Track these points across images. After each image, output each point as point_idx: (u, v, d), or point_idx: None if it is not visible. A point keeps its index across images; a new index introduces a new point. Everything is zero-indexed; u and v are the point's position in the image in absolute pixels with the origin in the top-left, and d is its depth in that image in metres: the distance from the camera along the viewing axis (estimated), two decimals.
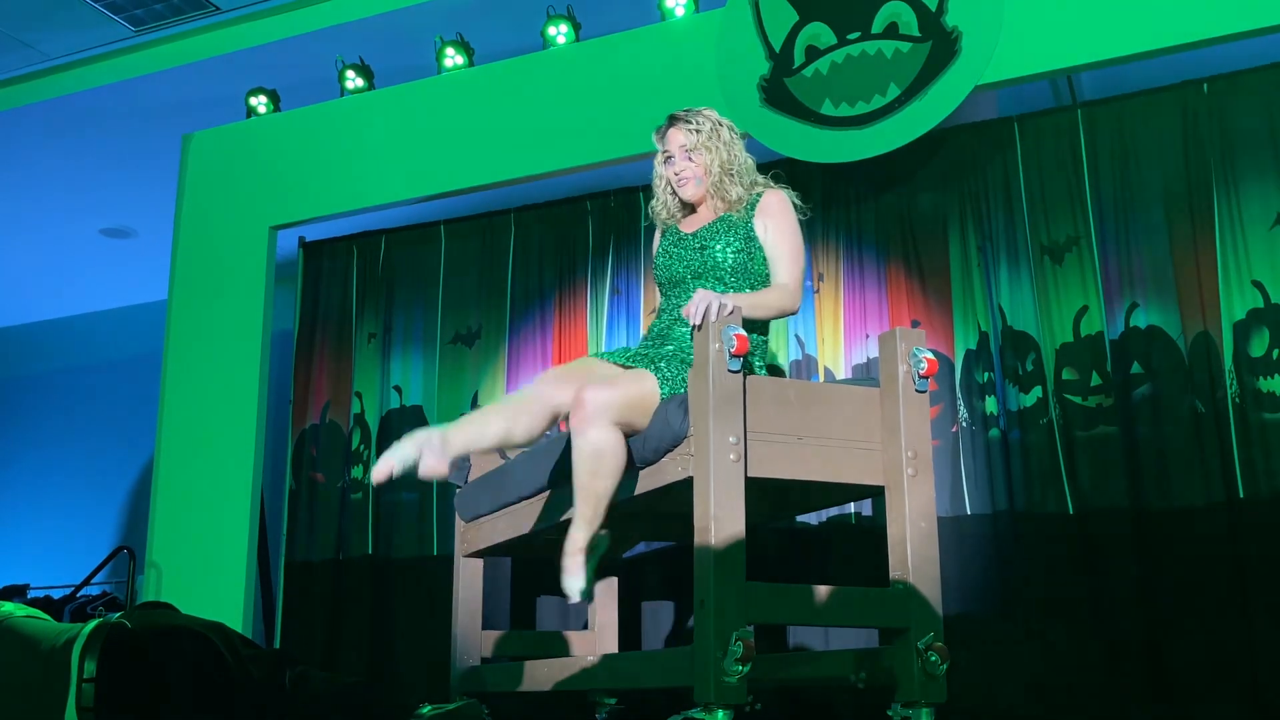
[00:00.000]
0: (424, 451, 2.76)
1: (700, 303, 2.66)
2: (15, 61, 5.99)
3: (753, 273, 3.04)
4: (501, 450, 3.77)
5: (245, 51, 5.75)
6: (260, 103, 5.85)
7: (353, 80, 5.67)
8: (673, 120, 3.19)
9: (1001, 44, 4.34)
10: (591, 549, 2.82)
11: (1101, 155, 4.53)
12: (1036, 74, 4.43)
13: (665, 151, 3.19)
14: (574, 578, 2.78)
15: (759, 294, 2.96)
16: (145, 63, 5.95)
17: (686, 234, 3.11)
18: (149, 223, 7.43)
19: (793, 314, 3.08)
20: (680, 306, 2.99)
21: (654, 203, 3.24)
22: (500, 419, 2.91)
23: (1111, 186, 4.50)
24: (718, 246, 3.01)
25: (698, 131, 3.13)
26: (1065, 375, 4.39)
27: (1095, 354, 4.37)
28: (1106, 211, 4.48)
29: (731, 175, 3.11)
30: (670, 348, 2.96)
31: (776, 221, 3.05)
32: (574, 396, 2.80)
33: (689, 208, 3.19)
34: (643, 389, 2.84)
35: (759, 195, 3.11)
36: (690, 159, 3.12)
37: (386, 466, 2.73)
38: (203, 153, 5.91)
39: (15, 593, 6.67)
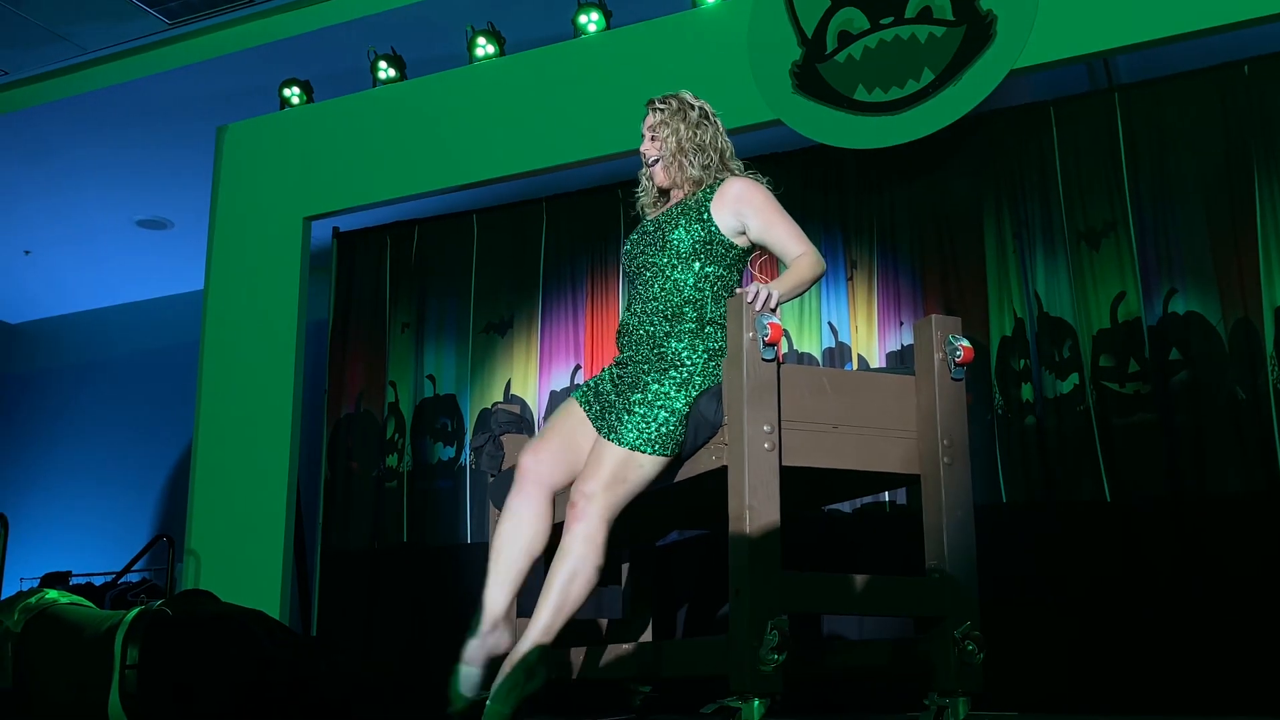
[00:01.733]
0: (480, 654, 2.71)
1: (751, 291, 2.66)
2: (53, 55, 6.05)
3: (713, 255, 2.89)
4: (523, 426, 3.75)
5: (278, 43, 5.77)
6: (294, 94, 5.89)
7: (385, 71, 5.69)
8: (647, 105, 3.15)
9: (1037, 27, 4.28)
10: (527, 670, 2.62)
11: (1139, 139, 4.48)
12: (1072, 57, 4.37)
13: (641, 135, 3.16)
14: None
15: (789, 274, 2.86)
16: (180, 55, 6.00)
17: (649, 221, 3.06)
18: (185, 214, 7.49)
19: (824, 274, 2.97)
20: (641, 297, 2.92)
21: (637, 190, 3.18)
22: (513, 549, 2.81)
23: (1149, 171, 4.45)
24: (677, 230, 2.93)
25: (661, 110, 3.08)
26: (1102, 362, 4.35)
27: (1133, 340, 4.32)
28: (1144, 196, 4.43)
29: (687, 154, 2.98)
30: (637, 396, 2.80)
31: (754, 206, 2.90)
32: (571, 490, 2.77)
33: (665, 196, 3.13)
34: (627, 468, 2.74)
35: (720, 181, 2.97)
36: (653, 138, 3.08)
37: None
38: (237, 144, 5.96)
39: (58, 580, 6.76)
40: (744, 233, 2.94)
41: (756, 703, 2.47)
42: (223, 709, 3.23)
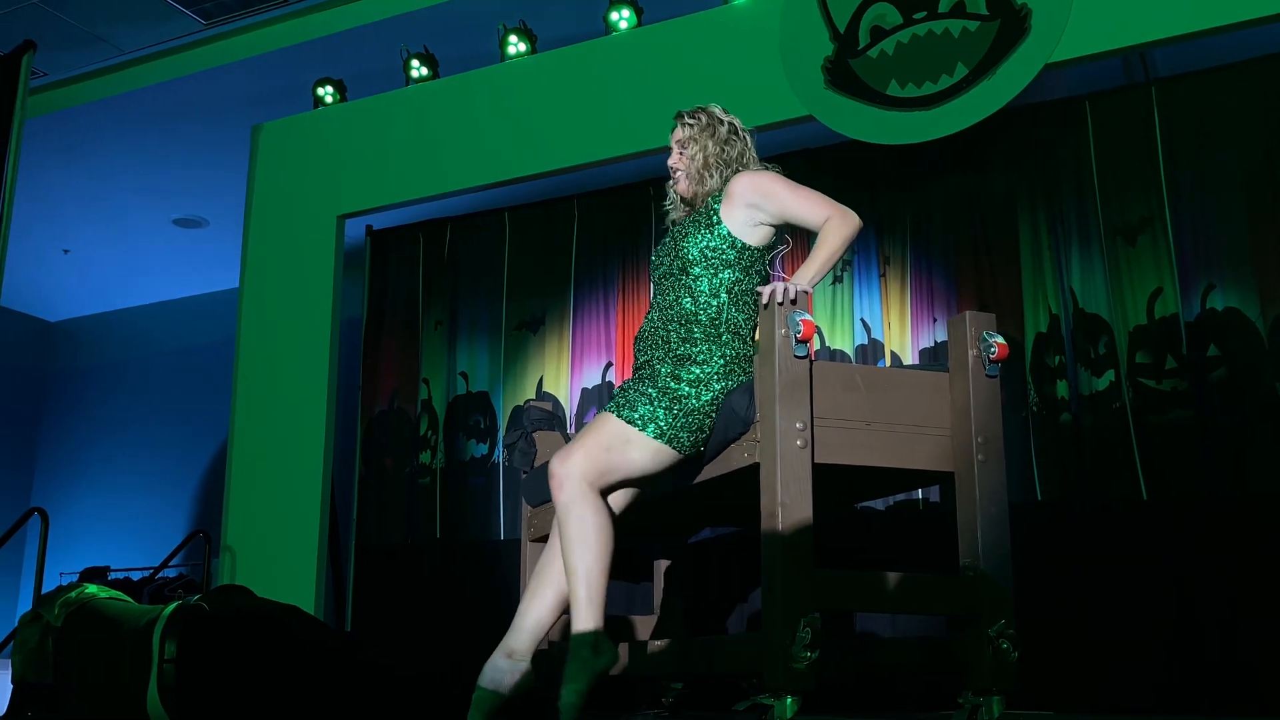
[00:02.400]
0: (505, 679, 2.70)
1: (767, 291, 2.64)
2: (91, 56, 6.13)
3: (726, 260, 2.85)
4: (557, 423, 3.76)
5: (312, 43, 5.81)
6: (327, 93, 5.93)
7: (417, 69, 5.72)
8: (676, 117, 3.13)
9: (1072, 20, 4.24)
10: (592, 647, 2.64)
11: (1176, 133, 4.43)
12: (1108, 51, 4.32)
13: (669, 148, 3.15)
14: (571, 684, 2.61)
15: (815, 252, 2.77)
16: (215, 55, 6.05)
17: (673, 230, 3.05)
18: (221, 213, 7.56)
19: (859, 227, 2.84)
20: (659, 305, 2.90)
21: (666, 203, 3.16)
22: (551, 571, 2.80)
23: (1187, 165, 4.39)
24: (688, 240, 2.93)
25: (690, 125, 3.06)
26: (1139, 359, 4.31)
27: (1170, 337, 4.28)
28: (1182, 191, 4.38)
29: (712, 169, 2.96)
30: (649, 385, 2.80)
31: (764, 192, 2.86)
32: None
33: (691, 206, 3.12)
34: (614, 438, 2.72)
35: (728, 180, 2.93)
36: (682, 153, 3.07)
37: None
38: (272, 143, 6.00)
39: (97, 574, 6.86)
40: (763, 224, 2.89)
41: (789, 700, 2.47)
42: (259, 703, 3.26)
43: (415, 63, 5.71)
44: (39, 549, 5.86)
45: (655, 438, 2.72)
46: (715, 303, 2.84)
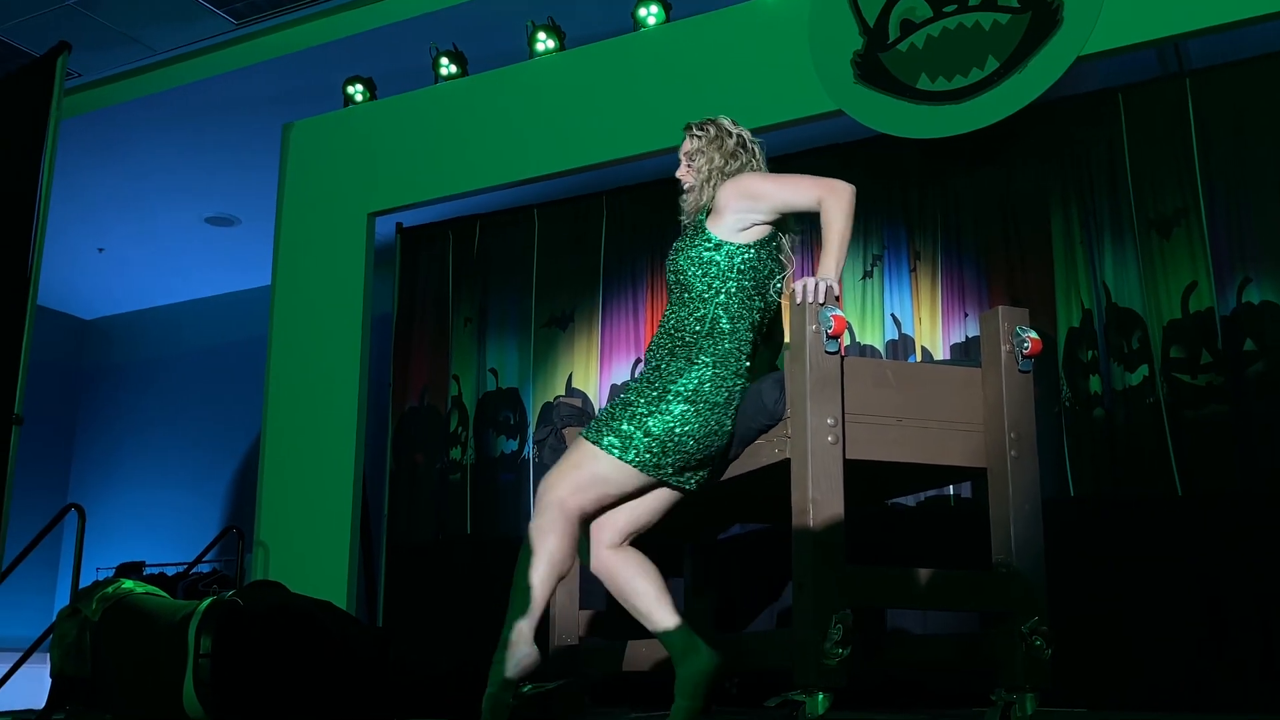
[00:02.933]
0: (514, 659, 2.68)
1: (799, 290, 2.63)
2: (124, 56, 6.19)
3: (717, 269, 2.82)
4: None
5: (342, 41, 5.84)
6: (357, 91, 5.96)
7: (446, 67, 5.74)
8: (685, 129, 3.12)
9: (1105, 12, 4.20)
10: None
11: (1211, 125, 4.38)
12: (1142, 42, 4.28)
13: (680, 159, 3.14)
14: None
15: (826, 241, 2.74)
16: (246, 55, 6.09)
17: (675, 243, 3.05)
18: (252, 211, 7.61)
19: (854, 194, 2.79)
20: (667, 314, 2.88)
21: (681, 217, 3.14)
22: (546, 555, 2.74)
23: (1222, 157, 4.35)
24: (680, 254, 2.93)
25: (699, 137, 3.04)
26: (1173, 353, 4.27)
27: (1205, 331, 4.23)
28: (1217, 183, 4.34)
29: (715, 183, 2.91)
30: (619, 399, 2.78)
31: (751, 193, 2.83)
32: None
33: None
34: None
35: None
36: (689, 165, 3.05)
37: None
38: (303, 141, 6.04)
39: (132, 570, 6.91)
40: (758, 224, 2.84)
41: (821, 696, 2.46)
42: (293, 697, 3.29)
43: (444, 60, 5.73)
44: (76, 544, 5.92)
45: (625, 461, 2.70)
46: (706, 315, 2.80)
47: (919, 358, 4.70)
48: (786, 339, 3.67)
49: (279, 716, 3.20)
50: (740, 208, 2.84)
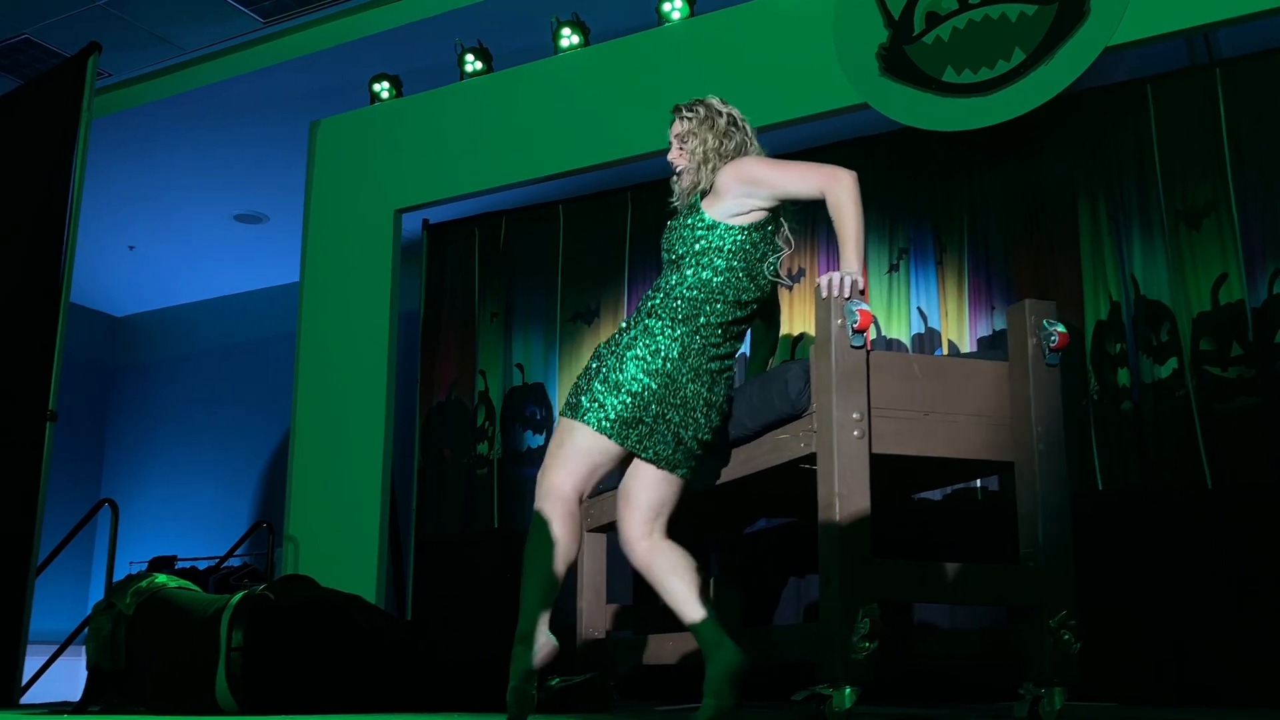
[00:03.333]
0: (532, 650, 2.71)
1: (827, 282, 2.64)
2: (154, 56, 6.24)
3: (708, 252, 2.84)
4: None
5: (368, 39, 5.87)
6: (383, 89, 5.99)
7: (472, 63, 5.76)
8: (674, 111, 3.12)
9: (1133, 2, 4.17)
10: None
11: (1241, 115, 4.34)
12: (1171, 32, 4.24)
13: (669, 142, 3.14)
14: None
15: (842, 236, 2.72)
16: (274, 53, 6.13)
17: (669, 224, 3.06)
18: (280, 208, 7.67)
19: (856, 180, 2.76)
20: (653, 285, 2.92)
21: (671, 199, 3.14)
22: (550, 544, 2.79)
23: (1252, 147, 4.31)
24: (673, 231, 2.95)
25: (689, 119, 3.04)
26: (1203, 346, 4.23)
27: (1235, 323, 4.20)
28: (1248, 174, 4.30)
29: (711, 163, 2.94)
30: (595, 362, 2.84)
31: (751, 177, 2.84)
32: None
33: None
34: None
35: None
36: (681, 147, 3.06)
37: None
38: (330, 139, 6.08)
39: (165, 564, 7.00)
40: (756, 209, 2.85)
41: (848, 690, 2.47)
42: (324, 690, 3.32)
43: (469, 57, 5.75)
44: (110, 539, 6.00)
45: (600, 430, 2.73)
46: (688, 292, 2.82)
47: (945, 351, 4.68)
48: (788, 330, 3.67)
49: (310, 708, 3.24)
50: (740, 192, 2.86)
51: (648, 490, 2.79)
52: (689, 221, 2.90)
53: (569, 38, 5.51)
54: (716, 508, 3.56)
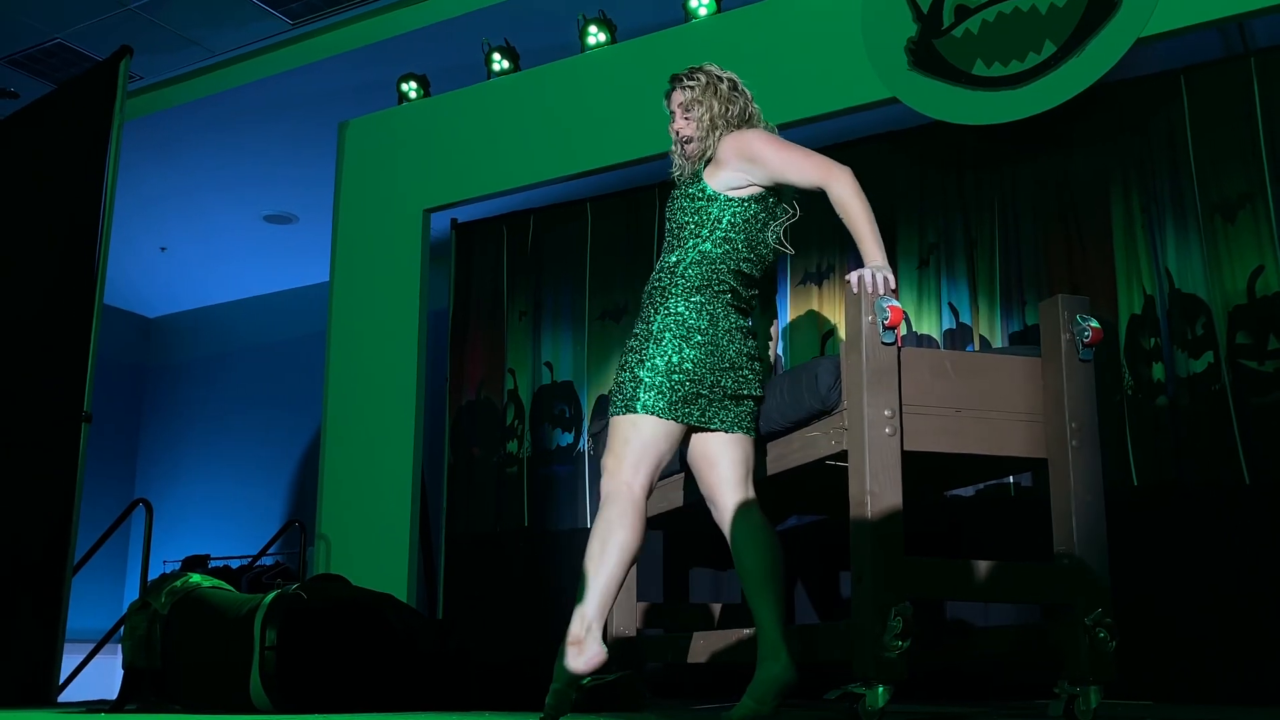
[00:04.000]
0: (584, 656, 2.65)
1: (857, 279, 2.63)
2: (184, 58, 6.30)
3: (709, 222, 2.84)
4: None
5: (396, 39, 5.90)
6: (411, 88, 6.01)
7: (499, 62, 5.76)
8: (672, 81, 3.10)
9: None
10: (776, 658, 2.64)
11: (1277, 106, 4.28)
12: (1204, 22, 4.18)
13: (670, 113, 3.12)
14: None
15: (858, 233, 2.71)
16: (302, 54, 6.17)
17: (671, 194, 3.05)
18: (309, 209, 7.72)
19: (852, 173, 2.77)
20: (659, 259, 2.92)
21: (671, 170, 3.13)
22: (617, 548, 2.73)
23: None
24: (675, 201, 2.95)
25: (691, 87, 3.03)
26: (1239, 339, 4.18)
27: (1272, 316, 4.14)
28: None
29: (719, 130, 2.92)
30: (630, 350, 2.86)
31: (753, 153, 2.82)
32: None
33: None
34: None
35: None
36: (686, 116, 3.04)
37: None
38: (358, 139, 6.11)
39: (198, 563, 7.06)
40: (753, 185, 2.85)
41: (880, 689, 2.46)
42: (356, 688, 3.34)
43: (496, 56, 5.76)
44: (144, 538, 6.05)
45: (657, 414, 2.73)
46: (691, 259, 2.84)
47: (977, 347, 4.65)
48: (787, 319, 3.63)
49: (343, 707, 3.25)
50: (739, 167, 2.87)
51: (729, 459, 2.80)
52: (690, 191, 2.91)
53: (595, 35, 5.51)
54: None
